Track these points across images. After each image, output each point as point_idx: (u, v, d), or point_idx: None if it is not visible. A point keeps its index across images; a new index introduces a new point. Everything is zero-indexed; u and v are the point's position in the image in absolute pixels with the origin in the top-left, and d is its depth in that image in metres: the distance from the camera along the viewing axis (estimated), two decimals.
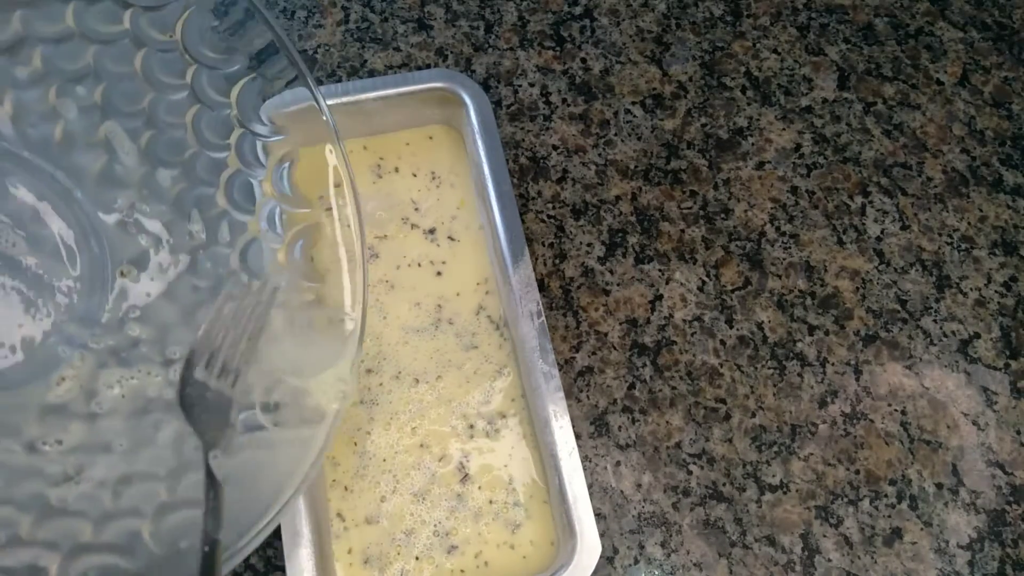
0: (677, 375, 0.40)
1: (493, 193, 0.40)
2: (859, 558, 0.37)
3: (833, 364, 0.41)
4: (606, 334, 0.41)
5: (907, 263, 0.44)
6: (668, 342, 0.41)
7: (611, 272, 0.43)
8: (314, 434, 0.31)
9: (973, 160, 0.47)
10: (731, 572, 0.36)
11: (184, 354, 0.32)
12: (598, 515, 0.37)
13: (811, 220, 0.45)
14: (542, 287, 0.42)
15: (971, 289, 0.43)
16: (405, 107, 0.43)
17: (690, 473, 0.38)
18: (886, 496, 0.38)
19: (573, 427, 0.35)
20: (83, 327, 0.32)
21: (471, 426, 0.38)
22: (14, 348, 0.31)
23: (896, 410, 0.40)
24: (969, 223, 0.45)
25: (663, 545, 0.37)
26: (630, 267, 0.43)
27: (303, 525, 0.33)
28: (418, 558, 0.35)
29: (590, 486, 0.37)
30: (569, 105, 0.47)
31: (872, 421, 0.40)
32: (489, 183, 0.40)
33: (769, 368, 0.41)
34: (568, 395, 0.39)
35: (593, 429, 0.39)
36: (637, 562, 0.37)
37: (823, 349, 0.41)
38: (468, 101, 0.42)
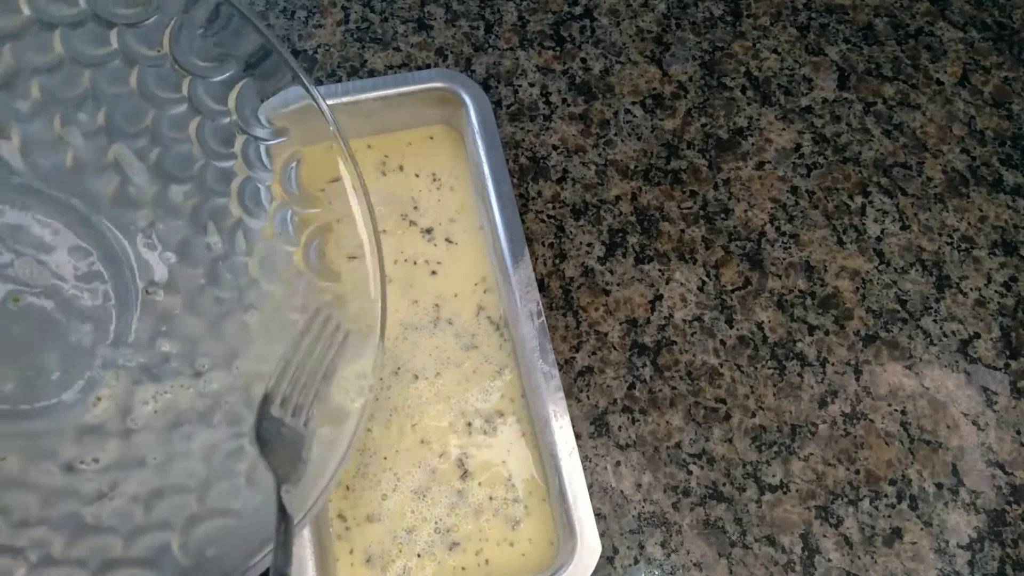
0: (677, 375, 0.40)
1: (493, 193, 0.40)
2: (859, 558, 0.37)
3: (833, 364, 0.41)
4: (606, 334, 0.41)
5: (907, 263, 0.44)
6: (668, 342, 0.41)
7: (611, 272, 0.43)
8: (340, 432, 0.31)
9: (973, 160, 0.47)
10: (731, 572, 0.36)
11: (214, 363, 0.32)
12: (598, 515, 0.37)
13: (811, 220, 0.45)
14: (542, 287, 0.42)
15: (971, 289, 0.43)
16: (405, 107, 0.43)
17: (690, 473, 0.38)
18: (886, 496, 0.38)
19: (573, 427, 0.35)
20: (115, 347, 0.33)
21: (469, 423, 0.38)
22: (53, 372, 0.32)
23: (896, 410, 0.40)
24: (969, 223, 0.45)
25: (663, 545, 0.37)
26: (630, 267, 0.43)
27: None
28: (420, 555, 0.36)
29: (590, 486, 0.37)
30: (569, 105, 0.47)
31: (872, 421, 0.40)
32: (489, 183, 0.40)
33: (769, 368, 0.41)
34: (568, 395, 0.39)
35: (593, 429, 0.39)
36: (637, 562, 0.37)
37: (823, 349, 0.41)
38: (468, 101, 0.42)
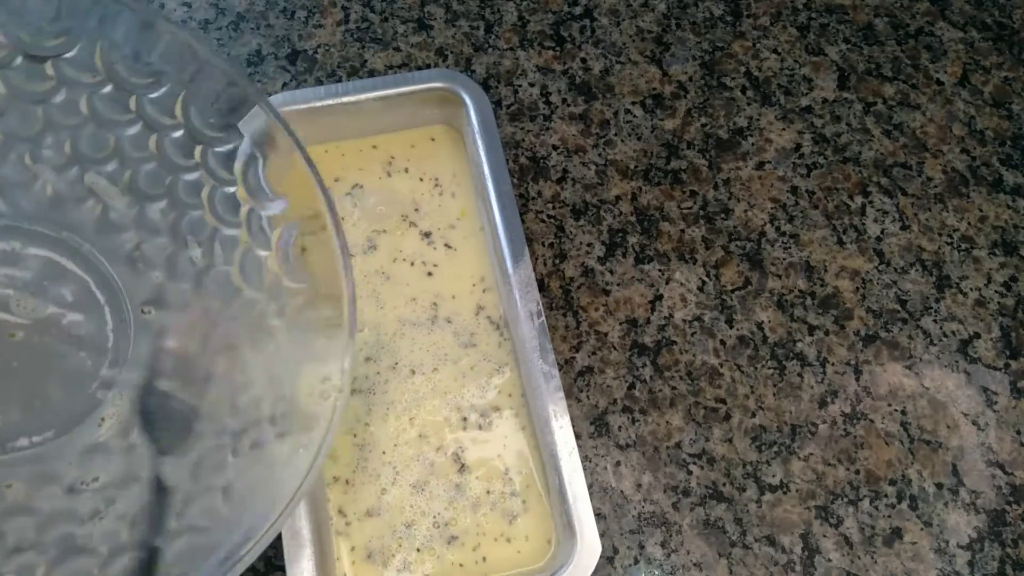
0: (677, 375, 0.40)
1: (493, 193, 0.40)
2: (859, 558, 0.37)
3: (833, 364, 0.41)
4: (606, 334, 0.41)
5: (907, 263, 0.44)
6: (668, 342, 0.41)
7: (611, 272, 0.43)
8: (310, 437, 0.31)
9: (973, 160, 0.47)
10: (731, 572, 0.36)
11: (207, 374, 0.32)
12: (598, 515, 0.37)
13: (811, 220, 0.45)
14: (542, 287, 0.42)
15: (971, 289, 0.43)
16: (405, 107, 0.43)
17: (690, 473, 0.38)
18: (886, 496, 0.38)
19: (573, 427, 0.35)
20: (115, 368, 0.33)
21: (464, 418, 0.38)
22: (58, 400, 0.33)
23: (896, 410, 0.40)
24: (969, 223, 0.45)
25: (663, 545, 0.37)
26: (630, 267, 0.43)
27: (303, 525, 0.33)
28: (419, 550, 0.36)
29: (590, 486, 0.37)
30: (569, 105, 0.47)
31: (872, 421, 0.40)
32: (489, 183, 0.40)
33: (769, 368, 0.41)
34: (568, 395, 0.39)
35: (593, 429, 0.39)
36: (637, 562, 0.37)
37: (823, 349, 0.41)
38: (468, 101, 0.42)
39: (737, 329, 0.42)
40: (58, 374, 0.33)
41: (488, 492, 0.37)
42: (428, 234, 0.43)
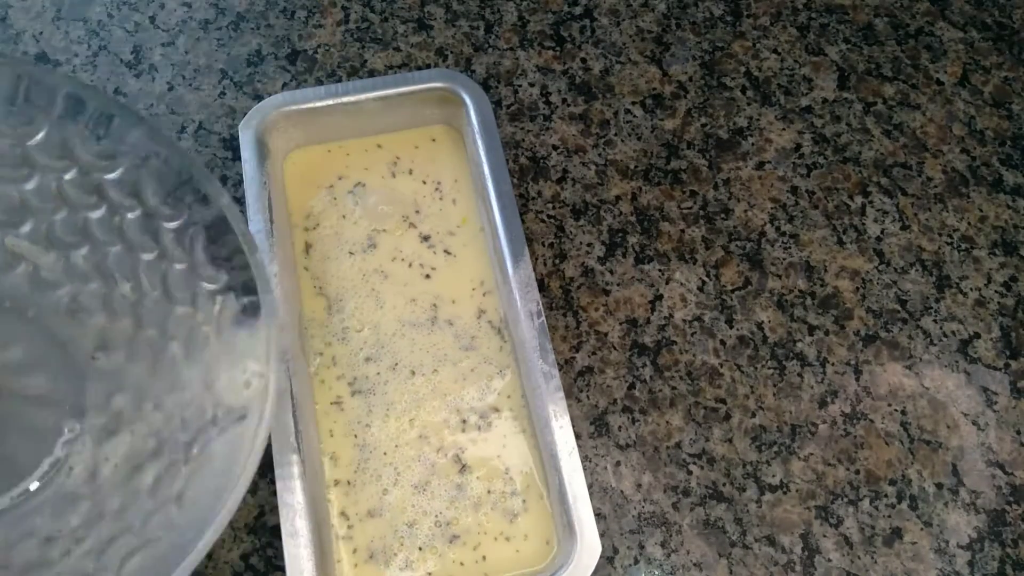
0: (677, 375, 0.40)
1: (493, 193, 0.40)
2: (859, 558, 0.37)
3: (833, 364, 0.41)
4: (606, 334, 0.41)
5: (907, 263, 0.44)
6: (668, 342, 0.41)
7: (611, 272, 0.43)
8: (242, 431, 0.30)
9: (973, 160, 0.47)
10: (731, 572, 0.36)
11: (157, 401, 0.34)
12: (598, 515, 0.37)
13: (811, 220, 0.45)
14: (542, 287, 0.42)
15: (971, 289, 0.43)
16: (405, 107, 0.43)
17: (690, 473, 0.38)
18: (886, 496, 0.38)
19: (573, 427, 0.35)
20: (76, 419, 0.35)
21: (464, 420, 0.38)
22: (22, 458, 0.34)
23: (896, 410, 0.40)
24: (969, 223, 0.45)
25: (663, 545, 0.37)
26: (630, 267, 0.43)
27: (303, 525, 0.33)
28: (421, 549, 0.36)
29: (590, 486, 0.37)
30: (569, 105, 0.47)
31: (872, 421, 0.40)
32: (489, 183, 0.40)
33: (769, 368, 0.41)
34: (568, 395, 0.39)
35: (593, 429, 0.39)
36: (637, 562, 0.37)
37: (823, 349, 0.41)
38: (468, 101, 0.42)
39: (737, 329, 0.42)
40: (21, 434, 0.34)
41: (489, 492, 0.37)
42: (427, 237, 0.43)
